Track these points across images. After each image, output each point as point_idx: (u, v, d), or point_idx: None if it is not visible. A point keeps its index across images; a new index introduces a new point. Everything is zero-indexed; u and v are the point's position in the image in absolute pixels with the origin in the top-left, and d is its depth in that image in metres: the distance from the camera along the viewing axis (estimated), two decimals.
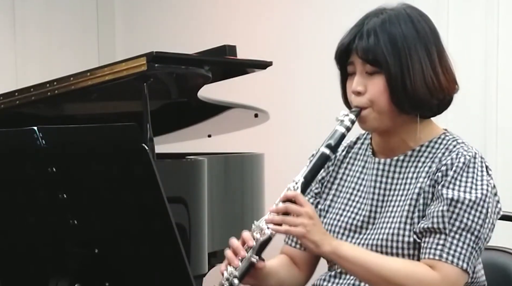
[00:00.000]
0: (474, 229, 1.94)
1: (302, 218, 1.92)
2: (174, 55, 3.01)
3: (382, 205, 2.04)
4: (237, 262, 1.94)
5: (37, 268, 2.07)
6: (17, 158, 1.98)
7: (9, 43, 4.85)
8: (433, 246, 1.93)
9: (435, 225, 1.93)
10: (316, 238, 1.93)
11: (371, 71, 1.98)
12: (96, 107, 3.43)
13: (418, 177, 2.01)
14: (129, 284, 1.96)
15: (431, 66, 1.98)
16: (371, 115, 2.00)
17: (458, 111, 3.94)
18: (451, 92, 2.03)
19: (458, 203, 1.93)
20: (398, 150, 2.06)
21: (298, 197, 1.94)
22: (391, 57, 1.95)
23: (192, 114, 3.57)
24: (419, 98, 1.97)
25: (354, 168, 2.14)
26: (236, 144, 3.92)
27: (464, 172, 1.96)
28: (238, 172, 3.44)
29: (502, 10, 3.77)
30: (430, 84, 1.97)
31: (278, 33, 4.48)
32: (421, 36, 1.99)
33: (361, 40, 1.97)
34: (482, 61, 3.81)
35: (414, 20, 2.01)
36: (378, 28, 1.97)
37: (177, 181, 2.96)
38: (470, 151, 2.01)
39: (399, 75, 1.95)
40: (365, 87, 1.99)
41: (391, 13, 2.01)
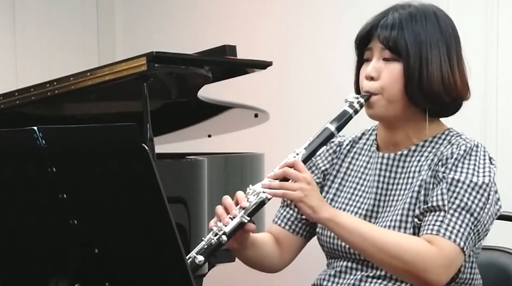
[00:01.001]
0: (474, 210, 1.94)
1: (300, 183, 1.92)
2: (174, 55, 3.01)
3: (385, 199, 2.05)
4: (227, 219, 1.94)
5: (37, 268, 2.07)
6: (17, 158, 1.98)
7: (9, 43, 4.85)
8: (431, 222, 1.93)
9: (434, 203, 1.94)
10: (314, 204, 1.93)
11: (389, 57, 2.00)
12: (96, 107, 3.43)
13: (421, 170, 2.02)
14: (129, 284, 1.96)
15: (450, 63, 2.01)
16: (380, 102, 2.02)
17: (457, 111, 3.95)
18: (463, 95, 2.07)
19: (459, 182, 1.94)
20: (402, 144, 2.07)
21: (297, 164, 1.95)
22: (412, 47, 1.98)
23: (192, 114, 3.57)
24: (433, 92, 1.99)
25: (358, 163, 2.14)
26: (236, 144, 3.93)
27: (466, 159, 1.97)
28: (238, 172, 3.44)
29: (502, 10, 3.77)
30: (446, 80, 2.00)
31: (278, 33, 4.48)
32: (444, 35, 2.02)
33: (385, 27, 2.00)
34: (482, 61, 3.81)
35: (440, 19, 2.04)
36: (404, 19, 2.00)
37: (177, 181, 2.96)
38: (472, 141, 2.02)
39: (417, 66, 1.98)
40: (379, 73, 2.01)
41: (418, 8, 2.04)
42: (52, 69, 4.46)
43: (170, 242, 1.81)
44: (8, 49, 4.85)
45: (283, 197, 1.97)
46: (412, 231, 1.97)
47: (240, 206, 1.95)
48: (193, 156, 3.27)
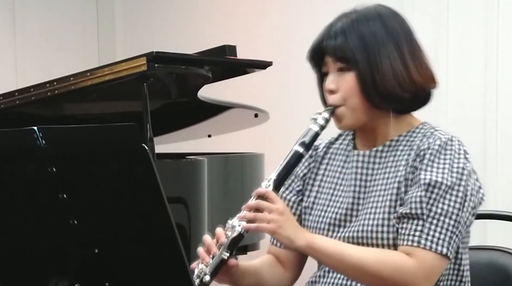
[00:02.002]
0: (452, 214, 1.93)
1: (273, 214, 1.93)
2: (174, 55, 3.01)
3: (364, 197, 2.05)
4: (208, 259, 1.94)
5: (37, 268, 2.07)
6: (17, 158, 1.98)
7: (9, 43, 4.85)
8: (411, 232, 1.93)
9: (413, 210, 1.93)
10: (289, 233, 1.93)
11: (342, 67, 2.01)
12: (96, 107, 3.43)
13: (398, 165, 2.02)
14: (129, 284, 1.96)
15: (401, 60, 2.00)
16: (345, 113, 2.02)
17: (458, 111, 3.96)
18: (425, 87, 2.04)
19: (434, 188, 1.93)
20: (378, 141, 2.07)
21: (269, 194, 1.96)
22: (359, 53, 1.98)
23: (192, 114, 3.57)
24: (389, 92, 1.98)
25: (336, 163, 2.14)
26: (236, 144, 3.93)
27: (441, 154, 1.97)
28: (238, 172, 3.44)
29: (502, 10, 3.77)
30: (400, 78, 1.98)
31: (278, 33, 4.48)
32: (390, 33, 2.01)
33: (330, 39, 2.01)
34: (482, 61, 3.81)
35: (384, 18, 2.03)
36: (347, 27, 2.01)
37: (177, 181, 2.96)
38: (447, 135, 2.01)
39: (368, 70, 1.98)
40: (338, 85, 2.02)
41: (361, 13, 2.04)
42: (52, 69, 4.46)
43: (170, 242, 1.81)
44: (8, 49, 4.85)
45: (257, 230, 1.97)
46: (394, 229, 1.97)
47: (219, 243, 1.95)
48: (193, 156, 3.27)
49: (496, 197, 3.56)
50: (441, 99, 3.90)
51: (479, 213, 2.45)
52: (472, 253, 2.24)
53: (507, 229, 2.77)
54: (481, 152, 3.77)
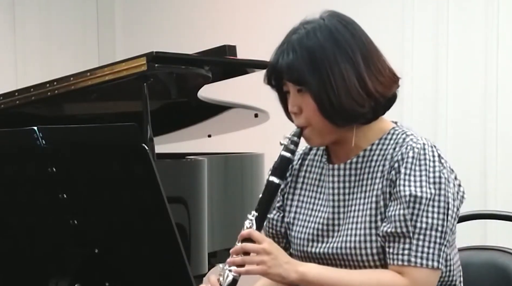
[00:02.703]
0: (437, 225, 1.92)
1: (261, 256, 1.91)
2: (174, 55, 3.01)
3: (344, 210, 2.02)
4: None
5: (37, 268, 2.07)
6: (17, 158, 1.98)
7: (9, 43, 4.85)
8: (399, 251, 1.92)
9: (398, 229, 1.91)
10: (280, 271, 1.92)
11: (300, 89, 1.97)
12: (96, 107, 3.43)
13: (374, 177, 1.99)
14: (129, 284, 1.96)
15: (356, 75, 1.93)
16: (313, 133, 1.99)
17: (458, 111, 3.96)
18: (386, 94, 1.98)
19: (415, 203, 1.91)
20: (351, 153, 2.03)
21: (253, 234, 1.94)
22: (311, 74, 1.93)
23: (192, 114, 3.57)
24: (348, 111, 1.93)
25: (312, 176, 2.11)
26: (236, 144, 3.92)
27: (416, 166, 1.94)
28: (238, 172, 3.44)
29: (502, 10, 3.77)
30: (356, 95, 1.92)
31: (278, 33, 4.48)
32: (340, 46, 1.94)
33: (283, 60, 1.97)
34: (482, 61, 3.81)
35: (333, 30, 1.97)
36: (297, 45, 1.97)
37: (177, 181, 2.96)
38: (419, 142, 1.96)
39: (323, 92, 1.92)
40: (300, 107, 1.99)
41: (309, 27, 2.00)
42: (52, 69, 4.46)
43: (170, 242, 1.81)
44: (8, 49, 4.85)
45: (248, 273, 1.95)
46: (377, 245, 1.95)
47: None
48: (193, 156, 3.26)
49: (496, 197, 3.56)
50: (441, 99, 3.90)
51: (479, 213, 2.46)
52: (472, 253, 2.24)
53: (507, 229, 2.77)
54: (481, 152, 3.77)
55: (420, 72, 4.00)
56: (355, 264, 1.98)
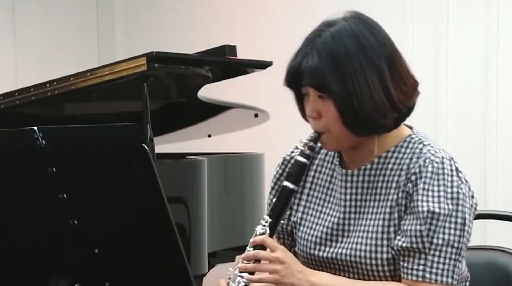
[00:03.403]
0: (453, 241, 1.90)
1: (274, 265, 1.90)
2: (174, 55, 3.01)
3: (355, 217, 2.00)
4: None
5: (37, 268, 2.07)
6: (17, 158, 1.98)
7: (9, 43, 4.85)
8: (414, 266, 1.90)
9: (414, 244, 1.90)
10: (293, 280, 1.91)
11: (322, 95, 1.91)
12: (96, 107, 3.43)
13: (389, 187, 1.96)
14: (129, 284, 1.96)
15: (381, 85, 1.89)
16: (330, 139, 1.95)
17: (458, 111, 3.96)
18: (409, 105, 1.95)
19: (433, 219, 1.89)
20: (364, 159, 2.00)
21: (266, 242, 1.92)
22: (336, 82, 1.87)
23: (192, 114, 3.57)
24: (371, 121, 1.90)
25: (322, 176, 2.09)
26: (236, 144, 3.93)
27: (435, 181, 1.91)
28: (238, 172, 3.44)
29: (502, 10, 3.77)
30: (380, 106, 1.89)
31: (278, 33, 4.48)
32: (367, 52, 1.89)
33: (307, 64, 1.91)
34: (482, 61, 3.81)
35: (359, 35, 1.91)
36: (321, 49, 1.90)
37: (177, 181, 2.96)
38: (437, 155, 1.93)
39: (348, 100, 1.87)
40: (319, 112, 1.93)
41: (334, 31, 1.93)
42: (52, 69, 4.46)
43: (170, 242, 1.81)
44: (8, 49, 4.85)
45: (260, 281, 1.94)
46: (388, 256, 1.94)
47: None
48: (193, 156, 3.26)
49: (496, 197, 3.56)
50: (441, 100, 3.90)
51: (479, 213, 2.45)
52: (472, 253, 2.24)
53: (507, 229, 2.78)
54: (481, 152, 3.77)
55: (420, 72, 3.98)
56: (363, 272, 1.97)
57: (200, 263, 3.01)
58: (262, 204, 3.52)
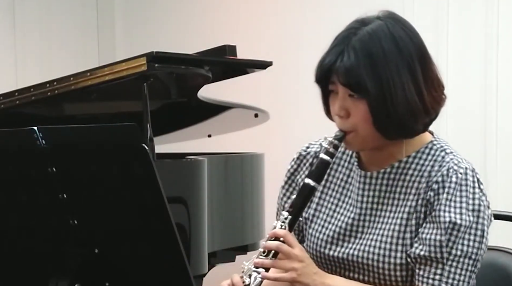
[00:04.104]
0: (471, 253, 1.90)
1: (293, 262, 1.89)
2: (174, 55, 3.01)
3: (370, 219, 1.99)
4: None
5: (37, 268, 2.07)
6: (17, 158, 1.98)
7: (9, 43, 4.85)
8: (430, 275, 1.90)
9: (432, 254, 1.89)
10: (308, 281, 1.90)
11: (353, 94, 1.89)
12: (96, 107, 3.43)
13: (408, 193, 1.95)
14: (129, 284, 1.96)
15: (415, 88, 1.88)
16: (356, 139, 1.93)
17: (458, 111, 3.95)
18: (437, 110, 1.95)
19: (454, 230, 1.88)
20: (385, 162, 2.00)
21: (287, 237, 1.90)
22: (372, 82, 1.85)
23: (192, 114, 3.57)
24: (403, 124, 1.89)
25: (339, 175, 2.08)
26: (236, 144, 3.93)
27: (457, 191, 1.90)
28: (238, 172, 3.44)
29: (502, 10, 3.77)
30: (414, 110, 1.88)
31: (278, 33, 4.48)
32: (403, 54, 1.88)
33: (342, 62, 1.87)
34: (482, 61, 3.81)
35: (396, 36, 1.89)
36: (358, 48, 1.87)
37: (177, 181, 2.96)
38: (461, 165, 1.94)
39: (381, 102, 1.86)
40: (348, 111, 1.91)
41: (370, 30, 1.90)
42: (52, 69, 4.45)
43: (170, 242, 1.81)
44: (8, 49, 4.85)
45: (276, 279, 1.93)
46: (402, 261, 1.93)
47: None
48: (193, 156, 3.26)
49: (496, 197, 3.56)
50: None
51: None
52: None
53: (507, 229, 2.77)
54: (481, 152, 3.77)
55: None
56: (373, 275, 1.96)
57: (200, 263, 3.01)
58: (262, 204, 3.52)
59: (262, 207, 3.51)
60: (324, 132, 2.05)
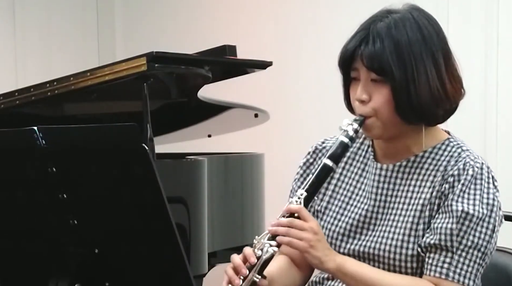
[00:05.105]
0: (481, 246, 1.91)
1: (307, 233, 1.89)
2: (174, 55, 3.01)
3: (383, 212, 2.00)
4: (238, 281, 1.90)
5: (37, 268, 2.07)
6: (17, 158, 1.98)
7: (9, 43, 4.85)
8: (439, 263, 1.91)
9: (442, 242, 1.90)
10: (320, 254, 1.90)
11: (376, 79, 1.92)
12: (96, 107, 3.43)
13: (422, 186, 1.97)
14: (129, 284, 1.96)
15: (437, 75, 1.92)
16: (375, 124, 1.95)
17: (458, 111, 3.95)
18: (457, 100, 1.99)
19: (466, 220, 1.90)
20: (401, 155, 2.02)
21: (302, 211, 1.91)
22: (397, 66, 1.89)
23: (192, 114, 3.57)
24: (425, 109, 1.92)
25: (353, 169, 2.09)
26: (236, 144, 3.93)
27: (472, 184, 1.92)
28: (238, 172, 3.44)
29: (502, 10, 3.77)
30: (436, 95, 1.92)
31: (278, 33, 4.49)
32: (427, 42, 1.93)
33: (367, 47, 1.91)
34: (482, 61, 3.81)
35: (421, 25, 1.94)
36: (384, 34, 1.91)
37: (177, 181, 2.96)
38: (478, 161, 1.96)
39: (404, 86, 1.90)
40: (370, 95, 1.94)
41: (396, 17, 1.94)
42: (52, 70, 4.46)
43: (170, 242, 1.81)
44: (8, 49, 4.85)
45: (289, 245, 1.92)
46: (413, 252, 1.94)
47: (248, 262, 1.91)
48: (193, 156, 3.26)
49: None
50: None
51: None
52: None
53: (507, 229, 2.77)
54: (481, 152, 3.74)
55: None
56: (385, 267, 1.97)
57: (200, 263, 3.01)
58: (262, 204, 3.52)
59: (262, 207, 3.51)
60: (324, 133, 2.06)
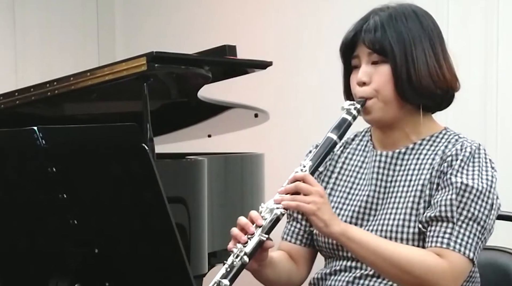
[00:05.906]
0: (480, 219, 1.95)
1: (313, 196, 1.92)
2: (174, 55, 3.01)
3: (383, 197, 2.05)
4: (245, 238, 1.91)
5: (37, 268, 2.07)
6: (17, 158, 1.98)
7: (9, 43, 4.85)
8: (440, 234, 1.94)
9: (442, 213, 1.94)
10: (326, 217, 1.92)
11: (377, 60, 2.02)
12: (96, 107, 3.43)
13: (421, 169, 2.02)
14: (129, 284, 1.96)
15: (435, 57, 2.03)
16: (376, 106, 2.03)
17: (458, 110, 3.94)
18: (453, 87, 2.07)
19: (465, 192, 1.95)
20: (399, 143, 2.08)
21: (308, 177, 1.95)
22: (397, 46, 2.00)
23: (192, 114, 3.57)
24: (423, 87, 2.00)
25: (353, 162, 2.15)
26: (236, 144, 3.93)
27: (471, 162, 1.98)
28: (238, 172, 3.44)
29: (502, 10, 3.77)
30: (434, 74, 2.01)
31: (278, 33, 4.48)
32: (426, 30, 2.04)
33: (368, 31, 2.02)
34: (482, 61, 3.81)
35: (419, 16, 2.06)
36: (385, 21, 2.02)
37: (177, 181, 2.96)
38: (474, 142, 2.03)
39: (404, 64, 1.99)
40: (370, 77, 2.03)
41: (397, 9, 2.06)
42: (52, 70, 4.46)
43: (170, 242, 1.81)
44: (8, 49, 4.85)
45: (296, 209, 1.95)
46: (414, 230, 1.98)
47: (256, 224, 1.93)
48: (193, 156, 3.26)
49: None
50: None
51: None
52: None
53: (507, 229, 2.77)
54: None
55: None
56: None
57: (200, 263, 3.01)
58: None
59: None
60: (324, 133, 2.06)
